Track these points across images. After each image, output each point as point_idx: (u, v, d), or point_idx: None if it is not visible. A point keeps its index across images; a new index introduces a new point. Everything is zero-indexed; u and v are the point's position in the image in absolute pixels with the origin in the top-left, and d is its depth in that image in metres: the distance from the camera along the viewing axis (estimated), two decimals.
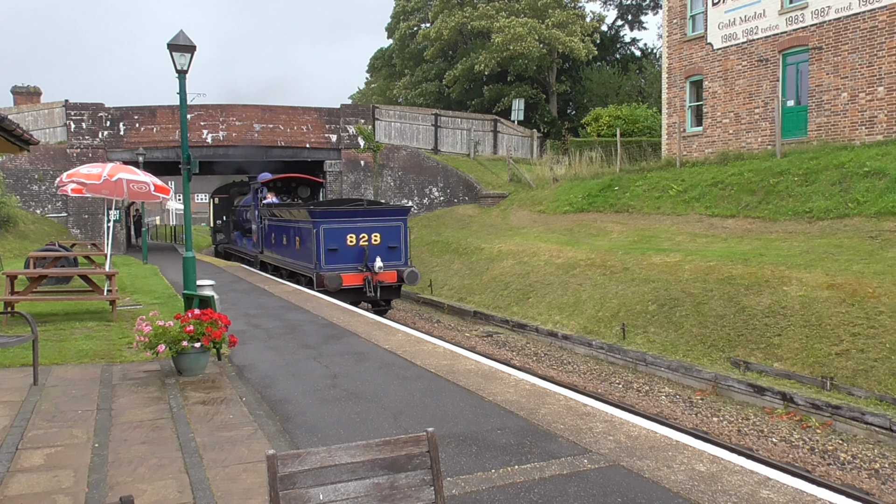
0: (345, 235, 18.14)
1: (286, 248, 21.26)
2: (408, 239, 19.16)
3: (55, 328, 11.84)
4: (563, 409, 7.02)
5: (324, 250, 17.91)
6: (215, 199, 34.43)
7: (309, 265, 18.56)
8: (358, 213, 18.51)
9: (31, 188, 32.49)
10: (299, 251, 19.68)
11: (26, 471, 5.51)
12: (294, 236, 20.16)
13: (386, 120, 37.20)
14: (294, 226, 20.14)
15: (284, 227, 21.33)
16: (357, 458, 2.95)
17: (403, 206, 21.73)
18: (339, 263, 17.94)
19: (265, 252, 24.29)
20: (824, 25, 22.40)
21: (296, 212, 19.92)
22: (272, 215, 22.94)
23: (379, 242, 18.41)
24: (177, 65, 13.33)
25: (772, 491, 4.97)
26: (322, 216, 18.05)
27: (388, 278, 18.26)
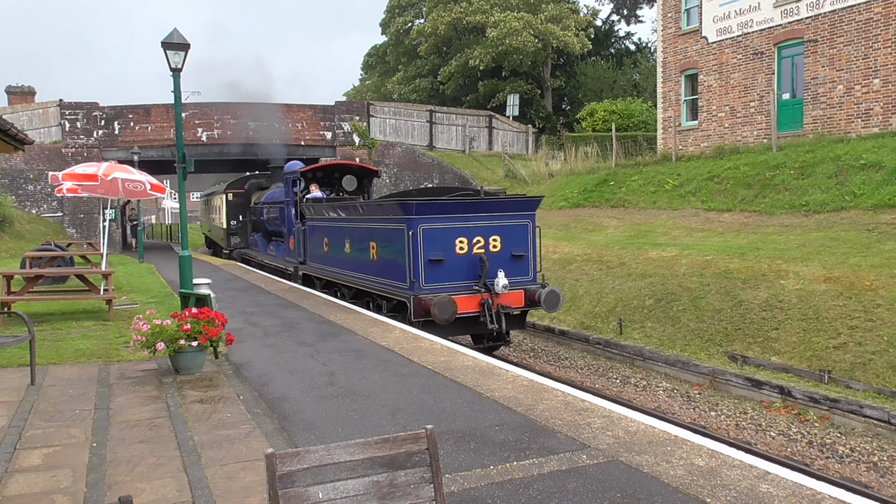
0: (453, 240, 12.51)
1: (350, 259, 15.46)
2: (537, 244, 13.37)
3: (52, 328, 11.81)
4: (560, 405, 7.02)
5: (423, 262, 12.31)
6: (228, 195, 28.91)
7: (398, 284, 12.96)
8: (472, 208, 12.84)
9: (27, 188, 32.43)
10: (378, 263, 13.94)
11: (24, 471, 5.50)
12: (367, 242, 14.44)
13: (381, 117, 37.17)
14: (366, 227, 14.52)
15: (347, 230, 15.64)
16: (356, 456, 2.94)
17: (530, 196, 14.27)
18: (444, 281, 12.46)
19: (310, 262, 18.58)
20: (819, 18, 22.41)
21: (374, 207, 14.39)
22: (321, 214, 17.39)
23: (499, 249, 12.83)
24: (171, 63, 13.29)
25: (771, 485, 4.98)
26: (422, 212, 12.41)
27: (513, 302, 12.67)
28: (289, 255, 20.66)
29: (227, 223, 29.40)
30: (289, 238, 20.46)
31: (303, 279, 19.11)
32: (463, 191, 15.06)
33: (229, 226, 29.39)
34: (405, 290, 12.53)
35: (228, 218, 29.26)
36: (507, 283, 12.37)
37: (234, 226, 29.23)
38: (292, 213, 19.67)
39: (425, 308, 11.98)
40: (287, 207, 20.24)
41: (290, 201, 19.79)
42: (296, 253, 19.55)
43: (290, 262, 20.43)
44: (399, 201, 12.80)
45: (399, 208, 12.66)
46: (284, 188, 20.61)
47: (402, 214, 12.55)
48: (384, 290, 13.60)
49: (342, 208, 16.05)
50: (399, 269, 12.84)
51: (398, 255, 12.85)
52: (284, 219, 20.96)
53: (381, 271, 13.80)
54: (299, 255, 19.23)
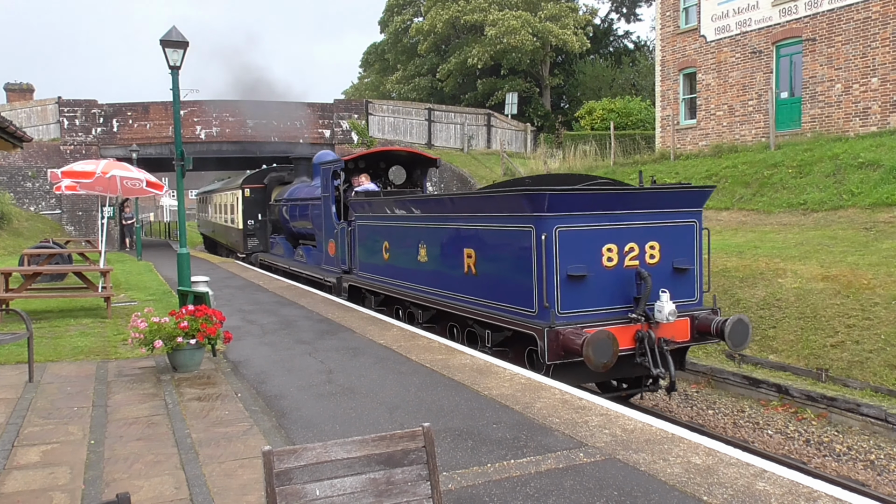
0: (600, 247, 9.05)
1: (429, 271, 11.78)
2: (703, 250, 9.88)
3: (50, 325, 11.82)
4: (558, 403, 7.03)
5: (560, 278, 8.79)
6: (245, 190, 25.06)
7: (518, 308, 9.30)
8: (626, 202, 9.24)
9: (25, 185, 32.40)
10: (479, 279, 10.17)
11: (22, 468, 5.50)
12: (458, 248, 10.74)
13: (379, 115, 37.18)
14: (459, 228, 10.77)
15: (423, 232, 11.94)
16: (353, 454, 2.95)
17: (698, 186, 10.60)
18: (588, 306, 8.96)
19: (359, 272, 14.90)
20: (818, 17, 22.43)
21: (476, 201, 10.46)
22: (380, 210, 13.77)
23: (657, 260, 9.39)
24: (169, 61, 13.29)
25: (768, 483, 4.99)
26: (558, 206, 8.81)
27: (677, 334, 9.33)
28: (327, 263, 16.99)
29: (243, 223, 25.27)
30: (326, 241, 16.94)
31: (349, 293, 15.32)
32: (601, 180, 10.87)
33: (246, 226, 25.26)
34: (530, 319, 8.94)
35: (245, 217, 25.15)
36: (674, 307, 8.94)
37: (251, 226, 25.31)
38: (332, 211, 16.26)
39: (568, 346, 8.46)
40: (325, 204, 16.82)
41: (330, 197, 16.35)
42: (337, 259, 16.06)
43: (329, 272, 16.78)
44: (524, 192, 9.01)
45: (524, 202, 9.01)
46: (321, 181, 17.21)
47: (527, 211, 8.97)
48: (492, 315, 9.81)
49: (416, 203, 12.39)
50: (520, 287, 9.19)
51: (519, 267, 9.21)
52: (320, 218, 17.43)
53: (485, 289, 10.04)
54: (343, 262, 15.69)
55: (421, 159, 17.25)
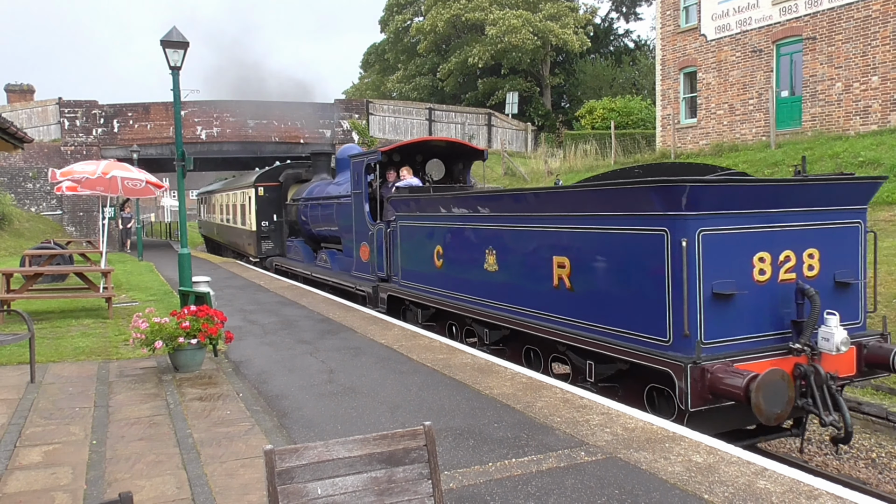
0: (750, 256, 7.19)
1: (501, 283, 9.82)
2: (867, 258, 8.19)
3: (51, 326, 11.83)
4: (559, 402, 7.04)
5: (704, 297, 6.92)
6: (259, 188, 23.06)
7: (642, 336, 7.35)
8: (781, 197, 7.40)
9: (26, 186, 32.43)
10: (580, 296, 8.24)
11: (25, 468, 5.52)
12: (546, 255, 8.77)
13: (380, 115, 37.20)
14: (547, 231, 8.78)
15: (494, 235, 9.96)
16: (354, 453, 2.96)
17: (866, 177, 8.13)
18: (737, 333, 7.12)
19: (402, 281, 12.98)
20: (818, 15, 22.43)
21: (580, 196, 8.32)
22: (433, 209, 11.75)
23: (816, 272, 7.62)
24: (170, 61, 13.30)
25: (768, 481, 5.00)
26: (702, 203, 6.92)
27: (842, 367, 7.51)
28: (359, 269, 15.08)
29: (256, 224, 23.30)
30: (357, 245, 15.04)
31: (388, 303, 13.46)
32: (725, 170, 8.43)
33: (260, 228, 23.25)
34: (661, 350, 6.98)
35: (259, 218, 23.23)
36: (846, 335, 7.04)
37: (265, 228, 23.29)
38: (366, 211, 14.43)
39: (718, 388, 6.54)
40: (356, 202, 14.92)
41: (363, 194, 14.55)
42: (372, 266, 14.19)
43: (362, 280, 14.83)
44: (654, 184, 7.02)
45: (653, 197, 7.01)
46: (351, 176, 15.28)
47: (657, 208, 6.99)
48: (597, 342, 7.85)
49: (485, 200, 10.29)
50: (643, 308, 7.27)
51: (642, 282, 7.26)
52: (348, 218, 15.57)
53: (586, 309, 8.11)
54: (379, 269, 13.79)
55: (465, 151, 15.37)
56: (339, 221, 16.67)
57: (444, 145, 15.40)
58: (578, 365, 8.55)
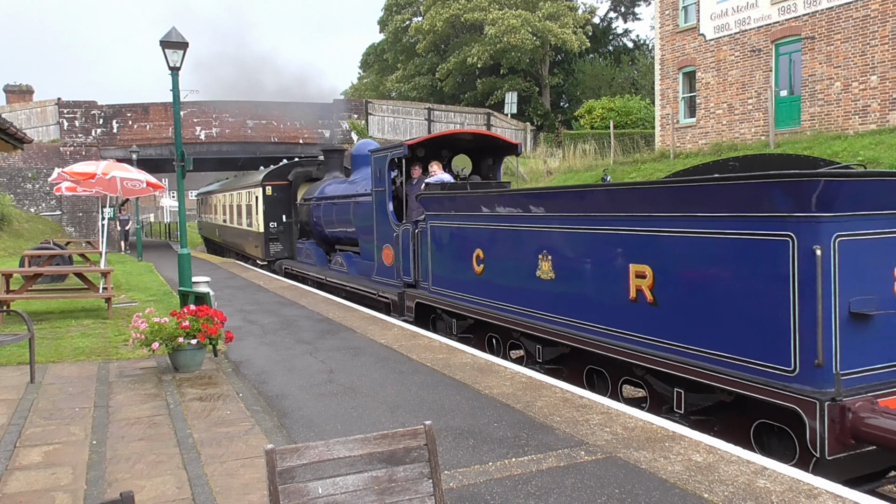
0: (891, 267, 5.96)
1: (554, 294, 8.70)
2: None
3: (51, 326, 11.83)
4: (559, 402, 7.05)
5: (840, 317, 5.67)
6: (266, 188, 21.93)
7: (759, 364, 6.01)
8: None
9: (25, 187, 32.44)
10: (665, 312, 6.96)
11: (25, 468, 5.52)
12: (616, 266, 7.62)
13: (379, 115, 37.22)
14: (608, 233, 7.76)
15: (548, 237, 8.80)
16: (355, 452, 2.97)
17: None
18: (878, 361, 5.87)
19: (433, 287, 11.73)
20: (817, 15, 22.44)
21: (681, 195, 6.82)
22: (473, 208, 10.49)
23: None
24: (169, 62, 13.30)
25: (768, 480, 5.00)
26: (836, 202, 5.64)
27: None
28: (381, 274, 13.86)
29: (264, 225, 22.02)
30: (379, 247, 13.85)
31: (416, 312, 12.22)
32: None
33: (268, 229, 21.99)
34: (787, 382, 5.80)
35: (267, 219, 21.95)
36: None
37: (273, 229, 22.01)
38: (389, 210, 13.26)
39: (861, 430, 5.49)
40: (377, 201, 13.76)
41: (385, 192, 13.40)
42: (396, 270, 12.99)
43: (385, 285, 13.59)
44: (776, 179, 5.86)
45: (775, 194, 5.86)
46: (372, 173, 14.06)
47: (779, 209, 5.84)
48: (691, 368, 6.63)
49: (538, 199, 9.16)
50: (757, 329, 6.07)
51: (756, 298, 6.07)
52: (368, 218, 14.46)
53: (675, 327, 6.85)
54: (405, 274, 12.63)
55: (496, 145, 14.06)
56: (356, 222, 15.56)
57: (472, 139, 14.14)
58: (662, 392, 7.29)
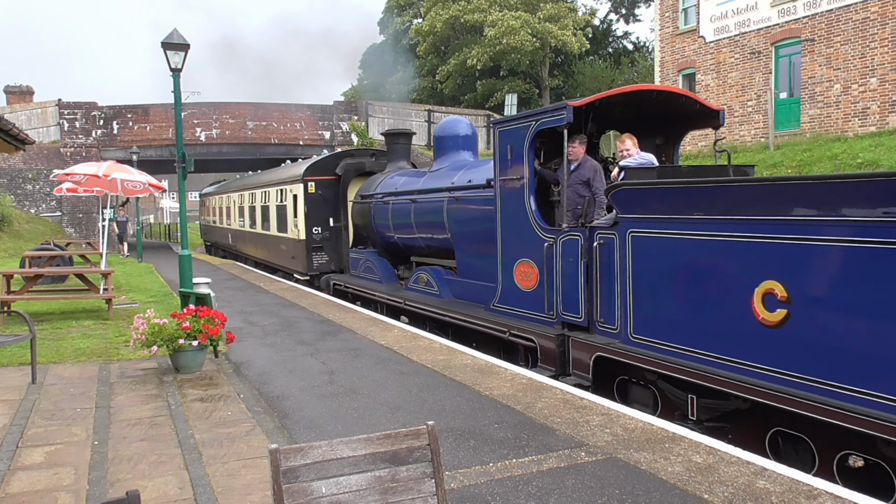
0: None
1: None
2: None
3: (52, 327, 11.85)
4: (559, 403, 7.06)
5: None
6: (308, 184, 17.98)
7: None
8: None
9: (25, 188, 32.45)
10: None
11: (27, 468, 5.54)
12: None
13: (379, 116, 37.25)
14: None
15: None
16: (358, 452, 2.99)
17: None
18: None
19: (636, 335, 7.50)
20: (816, 17, 22.46)
21: None
22: (691, 210, 6.83)
23: None
24: (171, 63, 13.32)
25: (768, 481, 5.02)
26: None
27: None
28: (513, 303, 9.75)
29: (306, 231, 18.04)
30: (508, 263, 9.78)
31: (593, 370, 8.09)
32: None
33: (310, 236, 18.02)
34: None
35: (309, 223, 18.00)
36: None
37: (317, 236, 18.03)
38: (531, 209, 9.19)
39: None
40: (510, 196, 9.65)
41: (526, 182, 9.24)
42: (549, 300, 8.90)
43: (522, 319, 9.48)
44: None
45: None
46: (498, 153, 9.84)
47: None
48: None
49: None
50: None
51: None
52: (481, 221, 10.73)
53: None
54: (570, 308, 8.53)
55: (687, 113, 9.73)
56: (453, 226, 11.82)
57: (658, 98, 9.55)
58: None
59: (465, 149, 13.39)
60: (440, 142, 13.76)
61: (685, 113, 9.80)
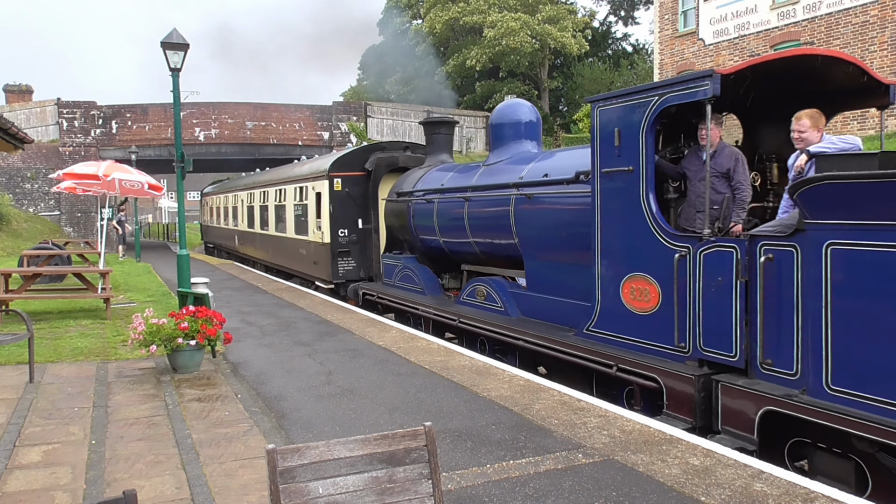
0: None
1: None
2: None
3: (50, 326, 11.84)
4: (557, 405, 7.06)
5: None
6: (334, 180, 16.04)
7: None
8: None
9: (24, 186, 32.43)
10: None
11: (24, 467, 5.53)
12: None
13: (378, 117, 37.26)
14: None
15: None
16: (355, 452, 2.98)
17: None
18: None
19: (834, 386, 5.51)
20: (816, 20, 22.49)
21: None
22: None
23: None
24: (170, 63, 13.32)
25: (765, 484, 5.02)
26: None
27: None
28: (619, 328, 7.81)
29: (331, 233, 16.10)
30: (612, 275, 7.87)
31: (759, 427, 6.09)
32: None
33: (336, 239, 16.04)
34: None
35: (334, 225, 16.05)
36: None
37: (343, 239, 16.05)
38: (653, 209, 7.31)
39: None
40: (617, 190, 7.73)
41: (644, 173, 7.41)
42: (680, 329, 7.02)
43: (634, 348, 7.59)
44: None
45: None
46: (598, 142, 7.96)
47: None
48: None
49: None
50: None
51: None
52: (568, 224, 8.96)
53: None
54: (722, 345, 6.57)
55: (855, 86, 7.70)
56: (521, 230, 9.93)
57: (814, 66, 7.46)
58: None
59: (529, 137, 11.48)
60: (498, 130, 11.79)
61: (844, 87, 7.77)
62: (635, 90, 7.56)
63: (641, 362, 7.30)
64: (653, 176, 7.35)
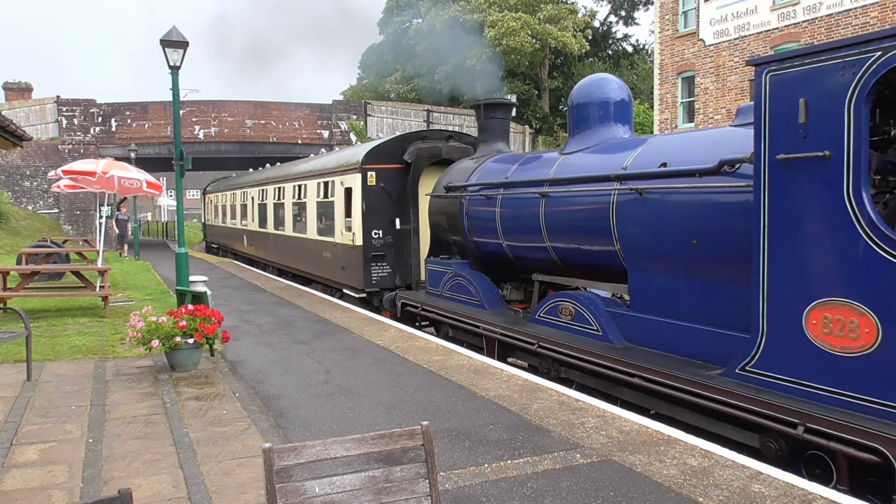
0: None
1: None
2: None
3: (48, 324, 11.82)
4: (555, 404, 7.06)
5: None
6: (368, 174, 14.06)
7: None
8: None
9: (23, 184, 32.41)
10: None
11: (21, 466, 5.52)
12: None
13: (378, 116, 37.24)
14: None
15: None
16: (352, 452, 2.98)
17: None
18: None
19: None
20: (816, 21, 22.49)
21: None
22: None
23: None
24: (169, 61, 13.31)
25: (763, 485, 5.01)
26: None
27: None
28: (806, 373, 5.63)
29: (363, 235, 14.05)
30: (790, 305, 5.73)
31: None
32: None
33: (369, 241, 14.02)
34: None
35: (367, 225, 14.06)
36: None
37: (377, 241, 14.04)
38: (868, 209, 5.17)
39: None
40: (815, 186, 5.53)
41: (851, 166, 5.26)
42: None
43: (831, 400, 5.43)
44: None
45: None
46: (767, 120, 5.85)
47: None
48: None
49: None
50: None
51: None
52: (709, 230, 6.89)
53: None
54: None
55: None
56: (632, 232, 7.98)
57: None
58: None
59: (620, 121, 9.47)
60: (582, 111, 9.60)
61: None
62: (836, 45, 5.50)
63: (852, 425, 5.20)
64: (867, 165, 5.30)
